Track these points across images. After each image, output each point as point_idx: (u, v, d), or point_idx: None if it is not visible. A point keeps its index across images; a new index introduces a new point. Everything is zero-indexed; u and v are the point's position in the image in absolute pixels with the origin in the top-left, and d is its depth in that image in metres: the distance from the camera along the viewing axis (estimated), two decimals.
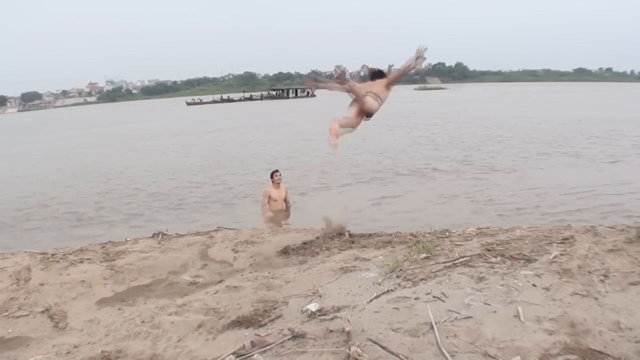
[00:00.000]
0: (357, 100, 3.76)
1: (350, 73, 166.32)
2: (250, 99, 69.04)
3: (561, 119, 20.87)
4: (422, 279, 3.03)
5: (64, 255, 4.20)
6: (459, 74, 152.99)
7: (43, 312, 3.25)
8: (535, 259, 3.17)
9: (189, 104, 65.74)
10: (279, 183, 7.32)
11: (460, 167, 10.55)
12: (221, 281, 3.75)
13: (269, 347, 2.27)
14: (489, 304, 2.52)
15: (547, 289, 2.68)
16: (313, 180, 10.01)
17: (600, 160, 10.69)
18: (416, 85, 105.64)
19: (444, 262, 3.31)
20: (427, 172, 10.24)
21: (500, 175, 9.53)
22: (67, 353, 2.70)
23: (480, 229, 4.39)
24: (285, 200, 7.48)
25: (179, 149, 16.98)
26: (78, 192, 10.21)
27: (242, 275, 3.81)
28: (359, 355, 2.06)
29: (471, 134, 16.55)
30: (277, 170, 7.38)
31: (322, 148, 15.17)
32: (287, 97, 70.62)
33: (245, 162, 13.06)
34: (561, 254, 3.19)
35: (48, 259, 4.07)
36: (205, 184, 10.43)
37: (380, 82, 3.92)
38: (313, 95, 70.68)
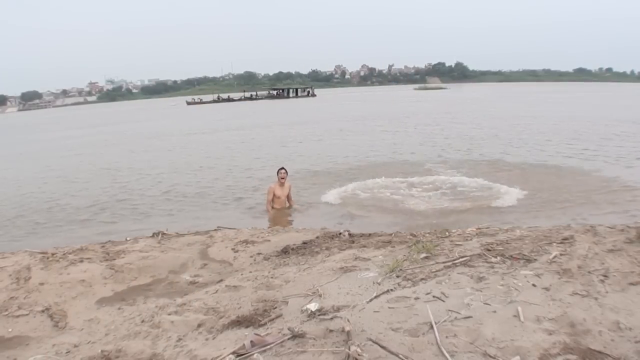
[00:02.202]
0: None
1: (350, 73, 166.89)
2: (251, 98, 68.99)
3: (576, 119, 20.96)
4: (422, 279, 3.03)
5: (64, 254, 4.20)
6: (458, 74, 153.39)
7: (43, 311, 3.25)
8: (535, 259, 3.17)
9: (189, 103, 65.77)
10: (283, 180, 7.45)
11: (475, 167, 10.55)
12: (221, 281, 3.75)
13: (268, 346, 2.27)
14: (488, 304, 2.52)
15: (546, 289, 2.68)
16: (338, 177, 10.03)
17: (623, 160, 10.75)
18: (416, 85, 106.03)
19: (443, 262, 3.31)
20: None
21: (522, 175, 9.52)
22: (67, 352, 2.69)
23: (480, 228, 4.39)
24: (288, 198, 7.54)
25: (200, 148, 16.93)
26: (89, 192, 10.24)
27: (241, 274, 3.81)
28: (358, 354, 2.06)
29: (486, 135, 16.31)
30: (282, 168, 7.54)
31: (338, 145, 15.32)
32: (288, 97, 70.64)
33: (259, 161, 13.01)
34: (561, 254, 3.19)
35: (48, 258, 4.07)
36: (216, 183, 10.45)
37: None
38: (313, 95, 70.83)
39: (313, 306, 2.69)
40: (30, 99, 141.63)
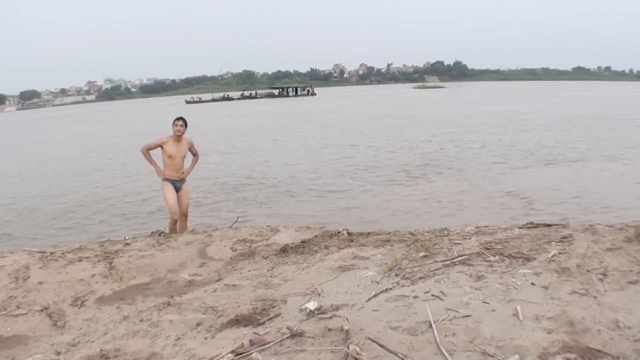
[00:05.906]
0: None
1: (349, 71, 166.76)
2: (250, 97, 68.88)
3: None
4: (420, 278, 3.03)
5: (63, 253, 4.19)
6: (457, 73, 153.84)
7: (42, 310, 3.25)
8: (534, 258, 3.17)
9: (188, 102, 65.68)
10: (180, 133, 5.30)
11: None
12: (220, 279, 3.74)
13: (267, 345, 2.27)
14: (487, 303, 2.52)
15: (545, 287, 2.68)
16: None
17: None
18: (415, 84, 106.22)
19: (442, 261, 3.31)
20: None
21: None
22: (65, 352, 2.69)
23: (479, 227, 4.39)
24: (192, 152, 5.55)
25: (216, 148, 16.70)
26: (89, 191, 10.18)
27: (240, 273, 3.81)
28: (357, 353, 2.06)
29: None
30: (180, 118, 5.35)
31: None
32: (288, 96, 70.66)
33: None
34: (560, 253, 3.19)
35: (47, 257, 4.07)
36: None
37: None
38: (313, 94, 70.81)
39: (312, 305, 2.68)
40: (28, 98, 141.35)
